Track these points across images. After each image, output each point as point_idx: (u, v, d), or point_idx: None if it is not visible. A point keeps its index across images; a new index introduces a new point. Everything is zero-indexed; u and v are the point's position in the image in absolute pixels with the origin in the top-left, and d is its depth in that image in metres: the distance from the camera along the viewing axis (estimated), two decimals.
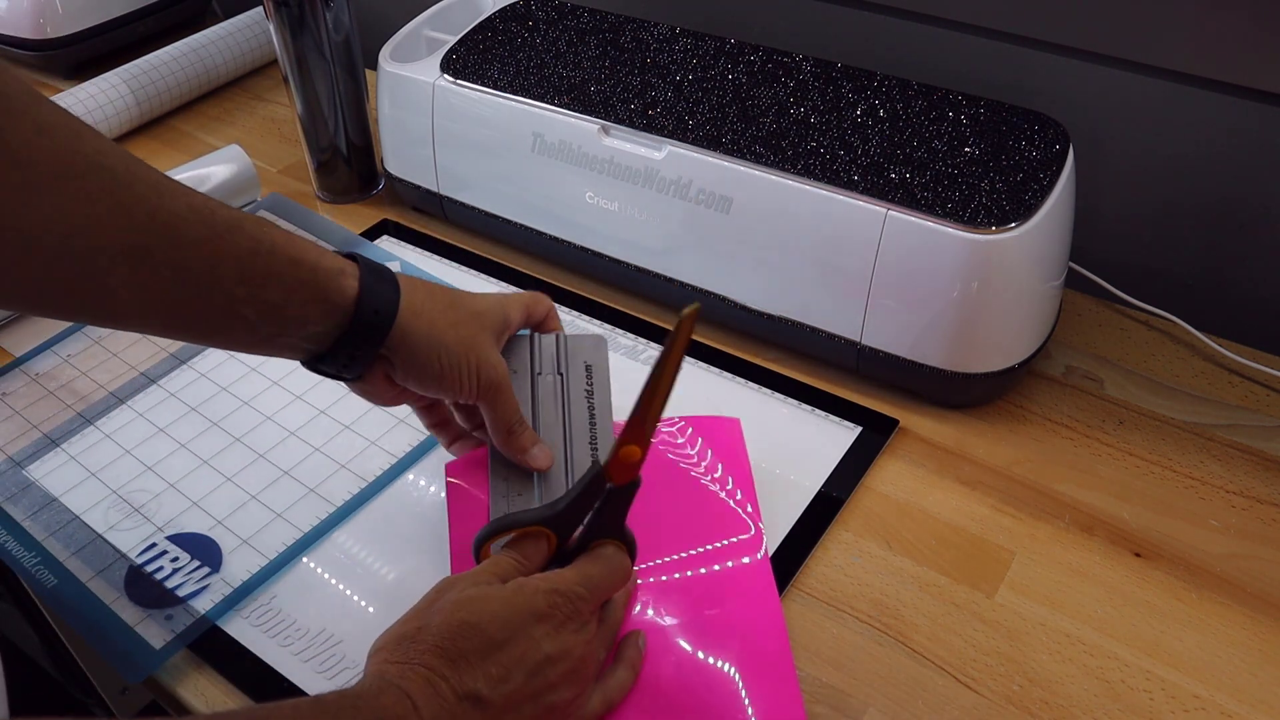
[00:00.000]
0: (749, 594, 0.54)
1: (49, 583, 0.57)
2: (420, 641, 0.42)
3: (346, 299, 0.48)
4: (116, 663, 0.53)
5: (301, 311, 0.47)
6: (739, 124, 0.67)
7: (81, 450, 0.65)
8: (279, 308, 0.47)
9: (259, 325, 0.47)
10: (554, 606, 0.44)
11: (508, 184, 0.76)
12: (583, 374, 0.59)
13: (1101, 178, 0.75)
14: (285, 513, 0.60)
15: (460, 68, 0.76)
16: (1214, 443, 0.64)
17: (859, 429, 0.65)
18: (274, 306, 0.47)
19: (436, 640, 0.42)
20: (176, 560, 0.58)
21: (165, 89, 0.99)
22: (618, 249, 0.73)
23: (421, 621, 0.43)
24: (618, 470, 0.47)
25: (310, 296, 0.47)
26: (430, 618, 0.43)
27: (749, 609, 0.53)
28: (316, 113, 0.82)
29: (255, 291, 0.46)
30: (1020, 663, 0.52)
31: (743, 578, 0.55)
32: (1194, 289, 0.76)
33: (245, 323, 0.47)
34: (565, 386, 0.59)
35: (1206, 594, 0.55)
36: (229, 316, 0.46)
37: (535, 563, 0.48)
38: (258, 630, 0.54)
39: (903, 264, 0.61)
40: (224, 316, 0.46)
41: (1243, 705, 0.50)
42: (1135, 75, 0.70)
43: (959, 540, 0.58)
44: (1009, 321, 0.63)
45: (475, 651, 0.42)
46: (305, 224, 0.82)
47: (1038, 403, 0.67)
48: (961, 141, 0.64)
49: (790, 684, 0.50)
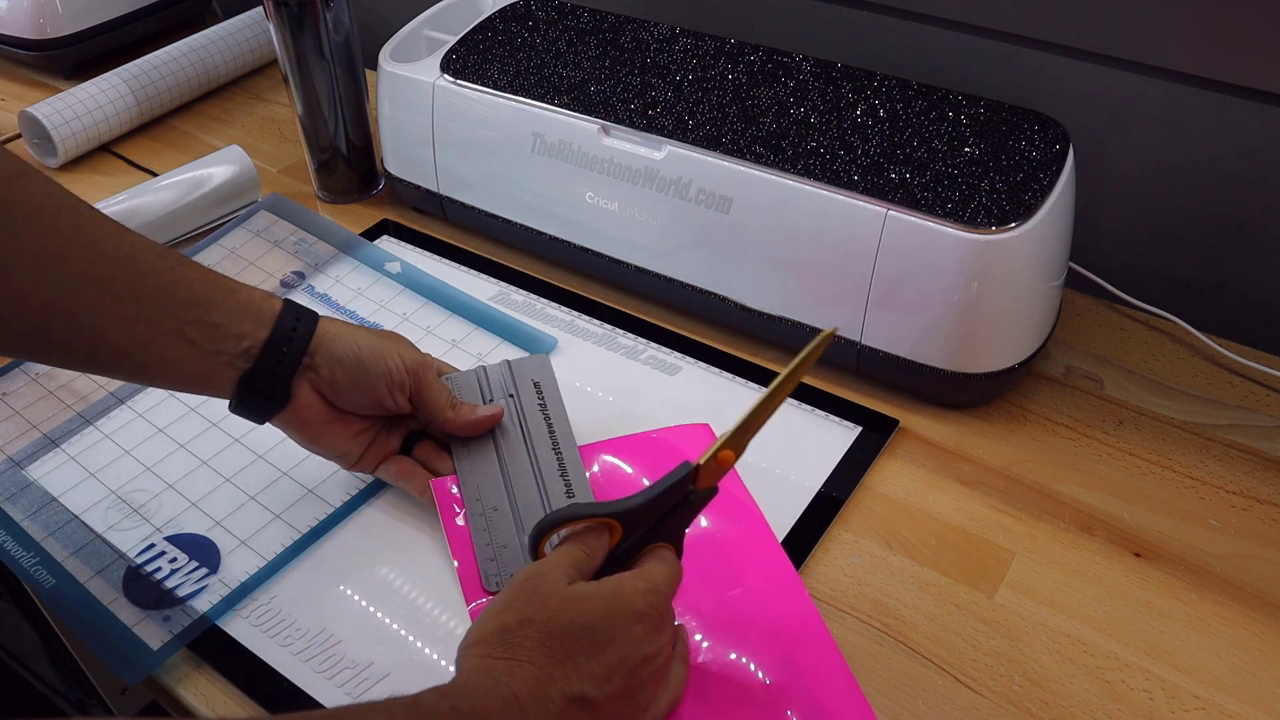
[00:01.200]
0: (776, 591, 0.54)
1: (47, 583, 0.57)
2: (527, 637, 0.42)
3: (274, 311, 0.54)
4: (114, 663, 0.53)
5: (239, 328, 0.53)
6: (739, 124, 0.67)
7: (81, 450, 0.65)
8: (219, 327, 0.52)
9: (201, 343, 0.51)
10: (651, 607, 0.45)
11: (508, 184, 0.76)
12: (533, 391, 0.63)
13: (1102, 178, 0.75)
14: (284, 513, 0.60)
15: (460, 68, 0.76)
16: (1214, 443, 0.64)
17: (859, 429, 0.65)
18: (215, 326, 0.52)
19: (544, 638, 0.42)
20: (175, 561, 0.58)
21: (165, 89, 0.99)
22: (618, 249, 0.73)
23: (522, 614, 0.43)
24: (707, 473, 0.48)
25: (245, 315, 0.53)
26: (532, 611, 0.43)
27: (779, 606, 0.54)
28: (316, 113, 0.82)
29: (201, 315, 0.51)
30: (1020, 663, 0.52)
31: (764, 570, 0.55)
32: (1194, 289, 0.76)
33: (189, 345, 0.51)
34: (520, 406, 0.62)
35: (1206, 594, 0.55)
36: (175, 340, 0.51)
37: (599, 557, 0.47)
38: (258, 630, 0.54)
39: (903, 264, 0.61)
40: (171, 340, 0.51)
41: (1243, 705, 0.50)
42: (1135, 75, 0.70)
43: (959, 540, 0.58)
44: (1009, 321, 0.63)
45: (583, 651, 0.42)
46: (305, 224, 0.82)
47: (1038, 403, 0.67)
48: (961, 141, 0.64)
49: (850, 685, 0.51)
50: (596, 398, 0.68)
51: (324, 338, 0.55)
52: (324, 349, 0.55)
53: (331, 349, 0.55)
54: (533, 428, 0.61)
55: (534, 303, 0.76)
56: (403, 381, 0.56)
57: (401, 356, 0.56)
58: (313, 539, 0.59)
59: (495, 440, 0.60)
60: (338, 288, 0.77)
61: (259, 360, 0.53)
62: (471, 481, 0.58)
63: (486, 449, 0.60)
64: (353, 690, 0.51)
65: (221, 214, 0.85)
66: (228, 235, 0.81)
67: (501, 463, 0.59)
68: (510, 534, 0.56)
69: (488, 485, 0.58)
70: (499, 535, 0.56)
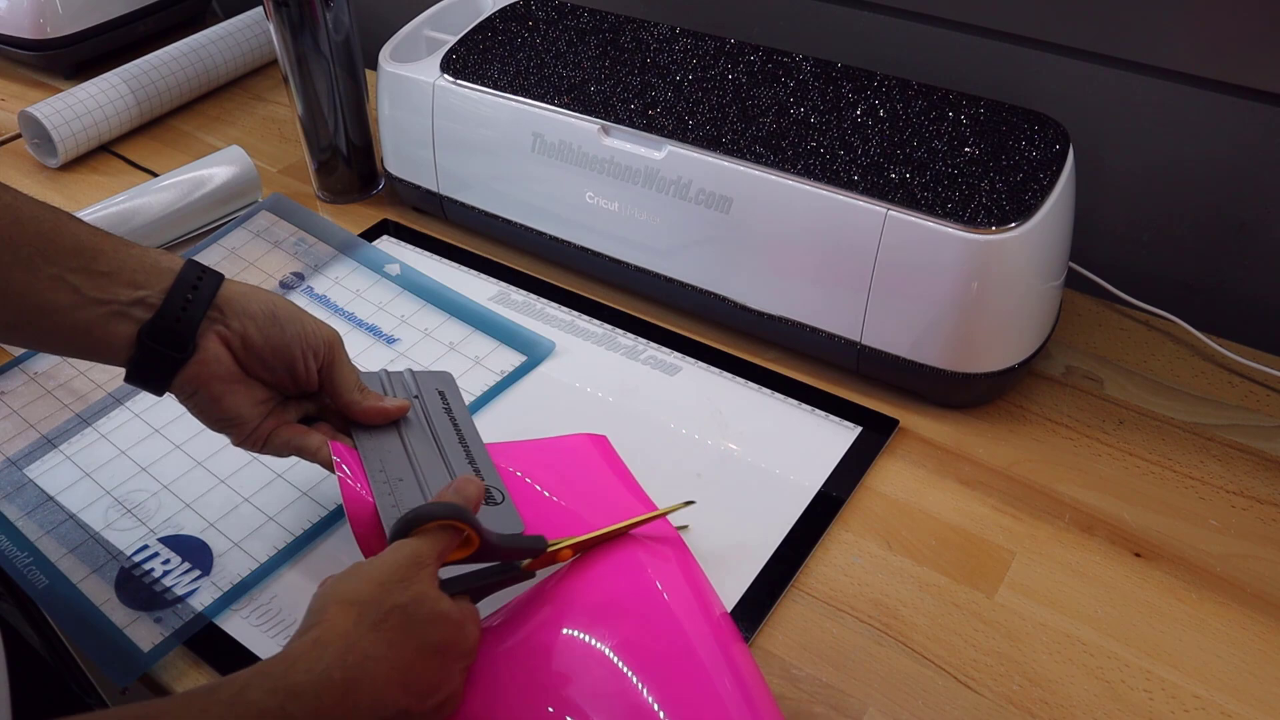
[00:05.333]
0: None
1: (40, 583, 0.57)
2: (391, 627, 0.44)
3: (176, 265, 0.52)
4: (106, 664, 0.53)
5: (131, 278, 0.50)
6: (739, 124, 0.67)
7: (78, 450, 0.65)
8: (107, 275, 0.49)
9: (85, 289, 0.48)
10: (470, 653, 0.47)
11: (508, 184, 0.76)
12: (438, 398, 0.60)
13: (1101, 178, 0.75)
14: (277, 516, 0.60)
15: (460, 68, 0.76)
16: (1214, 443, 0.64)
17: (859, 429, 0.65)
18: (102, 274, 0.49)
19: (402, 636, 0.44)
20: (168, 562, 0.58)
21: (165, 89, 0.99)
22: (618, 249, 0.73)
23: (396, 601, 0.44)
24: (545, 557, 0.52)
25: (140, 267, 0.50)
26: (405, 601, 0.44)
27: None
28: (316, 113, 0.82)
29: (87, 263, 0.49)
30: (1020, 663, 0.52)
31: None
32: (1194, 289, 0.76)
33: (71, 291, 0.48)
34: (425, 407, 0.59)
35: (1206, 594, 0.55)
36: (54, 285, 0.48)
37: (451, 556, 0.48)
38: (257, 630, 0.54)
39: (903, 264, 0.61)
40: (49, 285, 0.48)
41: (1243, 705, 0.50)
42: (1135, 75, 0.70)
43: (959, 540, 0.58)
44: (1009, 321, 0.63)
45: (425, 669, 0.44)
46: (306, 224, 0.82)
47: (1038, 403, 0.67)
48: (961, 141, 0.64)
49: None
50: (596, 398, 0.67)
51: (234, 293, 0.52)
52: (235, 303, 0.52)
53: (244, 304, 0.52)
54: (437, 424, 0.58)
55: (534, 303, 0.76)
56: (317, 349, 0.54)
57: (317, 326, 0.54)
58: (305, 542, 0.59)
59: (400, 430, 0.57)
60: (336, 289, 0.77)
61: (161, 309, 0.50)
62: (375, 457, 0.55)
63: (391, 435, 0.57)
64: None
65: (222, 214, 0.85)
66: (228, 235, 0.81)
67: (406, 446, 0.56)
68: (417, 500, 0.53)
69: (392, 459, 0.55)
70: (406, 501, 0.53)
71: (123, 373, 0.51)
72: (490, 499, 0.55)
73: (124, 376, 0.51)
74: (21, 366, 0.71)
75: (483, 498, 0.50)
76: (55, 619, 0.56)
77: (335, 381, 0.55)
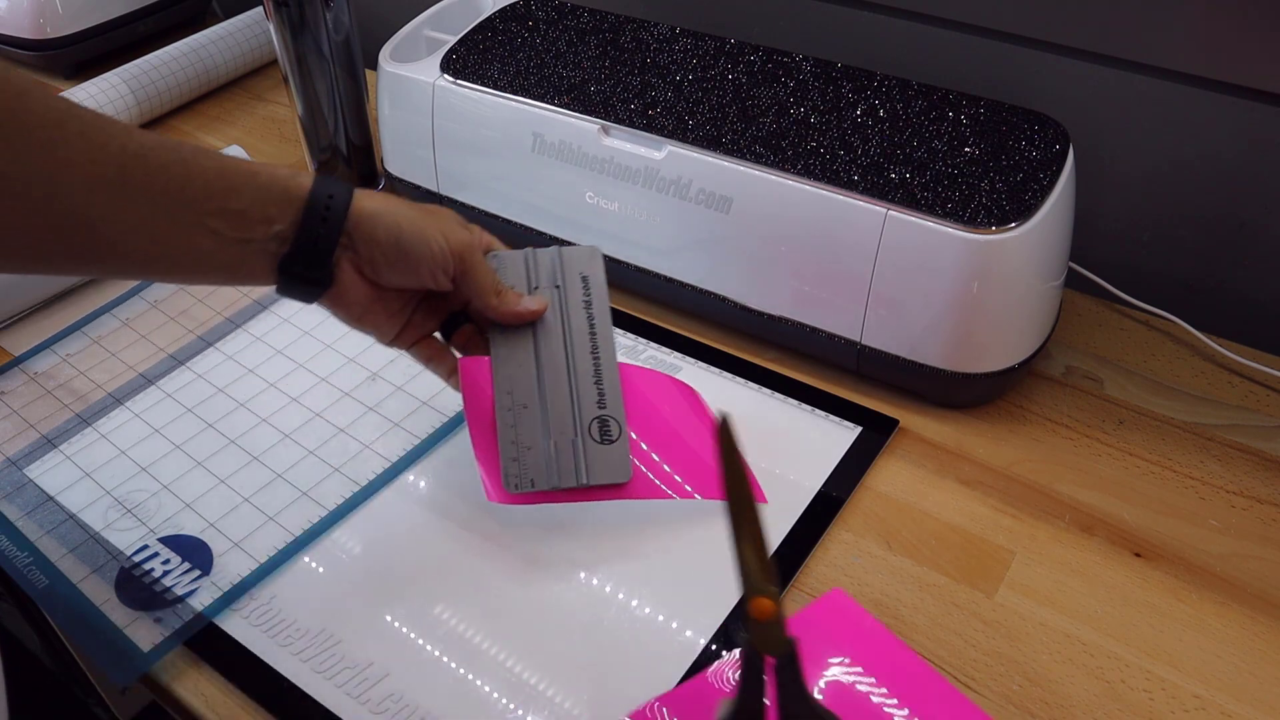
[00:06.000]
0: None
1: (40, 583, 0.57)
2: None
3: (303, 190, 0.52)
4: (106, 664, 0.53)
5: (264, 212, 0.50)
6: (739, 124, 0.67)
7: (78, 450, 0.65)
8: (243, 213, 0.50)
9: (227, 233, 0.49)
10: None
11: (508, 184, 0.76)
12: (579, 285, 0.60)
13: (1101, 178, 0.75)
14: (277, 516, 0.60)
15: (460, 68, 0.76)
16: (1214, 443, 0.64)
17: (859, 429, 0.65)
18: (239, 213, 0.50)
19: None
20: (168, 563, 0.58)
21: (165, 89, 0.99)
22: (618, 249, 0.73)
23: None
24: (761, 637, 0.40)
25: (269, 198, 0.51)
26: None
27: None
28: (316, 113, 0.82)
29: (222, 204, 0.49)
30: (1020, 663, 0.52)
31: None
32: (1194, 289, 0.76)
33: (215, 236, 0.49)
34: (564, 299, 0.59)
35: (1206, 594, 0.55)
36: (200, 233, 0.49)
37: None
38: (257, 630, 0.54)
39: (903, 264, 0.61)
40: (196, 233, 0.49)
41: (1243, 705, 0.50)
42: (1135, 75, 0.70)
43: (959, 540, 0.58)
44: (1009, 321, 0.63)
45: None
46: None
47: (1038, 403, 0.67)
48: (961, 141, 0.64)
49: None
50: None
51: (361, 215, 0.52)
52: (362, 227, 0.52)
53: (370, 229, 0.53)
54: (574, 326, 0.59)
55: None
56: (446, 264, 0.54)
57: (446, 237, 0.54)
58: (306, 542, 0.59)
59: (535, 334, 0.58)
60: None
61: (294, 244, 0.51)
62: (504, 373, 0.57)
63: (525, 341, 0.58)
64: (353, 690, 0.51)
65: None
66: None
67: (538, 359, 0.58)
68: (536, 436, 0.56)
69: (520, 379, 0.57)
70: (525, 435, 0.55)
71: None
72: (605, 433, 0.56)
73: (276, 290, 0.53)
74: (21, 366, 0.71)
75: None
76: (55, 619, 0.56)
77: (470, 289, 0.56)
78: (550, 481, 0.55)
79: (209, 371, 0.70)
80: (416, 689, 0.51)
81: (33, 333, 0.75)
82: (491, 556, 0.57)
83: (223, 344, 0.73)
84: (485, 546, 0.58)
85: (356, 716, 0.50)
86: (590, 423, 0.57)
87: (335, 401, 0.67)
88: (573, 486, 0.55)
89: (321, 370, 0.70)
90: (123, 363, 0.71)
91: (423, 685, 0.51)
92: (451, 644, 0.53)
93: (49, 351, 0.73)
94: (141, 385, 0.69)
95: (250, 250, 0.51)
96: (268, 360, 0.71)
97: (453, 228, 0.55)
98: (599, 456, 0.56)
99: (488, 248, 0.59)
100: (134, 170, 0.47)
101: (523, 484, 0.55)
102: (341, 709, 0.50)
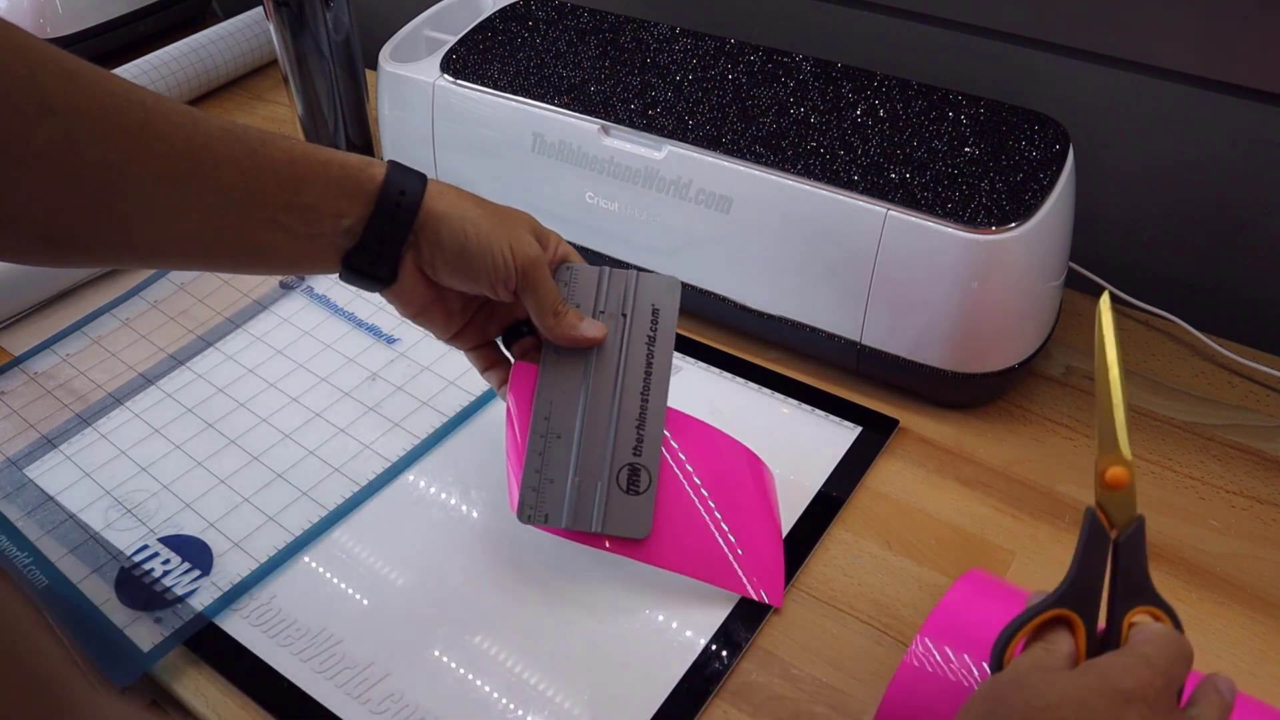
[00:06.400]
0: None
1: (40, 583, 0.57)
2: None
3: (375, 184, 0.50)
4: (105, 664, 0.53)
5: (335, 206, 0.49)
6: (739, 124, 0.67)
7: (78, 450, 0.65)
8: (313, 208, 0.48)
9: (297, 228, 0.48)
10: (1144, 685, 0.36)
11: (508, 184, 0.76)
12: (648, 317, 0.57)
13: (1101, 178, 0.75)
14: (277, 516, 0.60)
15: (460, 68, 0.76)
16: (1214, 443, 0.64)
17: (859, 429, 0.65)
18: (309, 208, 0.48)
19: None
20: (168, 563, 0.58)
21: (165, 89, 0.99)
22: (618, 249, 0.73)
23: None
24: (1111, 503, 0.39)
25: (341, 191, 0.49)
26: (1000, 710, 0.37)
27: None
28: (316, 113, 0.82)
29: (292, 198, 0.47)
30: None
31: None
32: (1194, 289, 0.76)
33: (284, 231, 0.48)
34: (628, 329, 0.56)
35: (1206, 594, 0.55)
36: (269, 227, 0.47)
37: (1062, 650, 0.39)
38: (257, 630, 0.54)
39: (903, 264, 0.61)
40: (264, 228, 0.47)
41: None
42: (1135, 75, 0.70)
43: (959, 540, 0.58)
44: (1009, 321, 0.63)
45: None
46: None
47: (1038, 403, 0.67)
48: (961, 141, 0.64)
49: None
50: None
51: (431, 214, 0.51)
52: (429, 229, 0.51)
53: (436, 231, 0.51)
54: (630, 360, 0.56)
55: None
56: (508, 278, 0.52)
57: (513, 249, 0.52)
58: (306, 542, 0.59)
59: (589, 361, 0.55)
60: (337, 289, 0.77)
61: (361, 240, 0.50)
62: (546, 396, 0.55)
63: (576, 367, 0.55)
64: (353, 690, 0.51)
65: None
66: None
67: (585, 388, 0.55)
68: (563, 470, 0.53)
69: (561, 406, 0.54)
70: (551, 466, 0.53)
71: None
72: (634, 483, 0.54)
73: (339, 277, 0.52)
74: (21, 366, 0.71)
75: None
76: (55, 619, 0.56)
77: (530, 303, 0.54)
78: (564, 521, 0.53)
79: (209, 371, 0.70)
80: (416, 689, 0.51)
81: (33, 333, 0.75)
82: (492, 556, 0.57)
83: (223, 344, 0.73)
84: (485, 546, 0.58)
85: (356, 716, 0.50)
86: (621, 469, 0.54)
87: (335, 401, 0.67)
88: (586, 531, 0.53)
89: (321, 370, 0.70)
90: (123, 363, 0.71)
91: (423, 685, 0.51)
92: (452, 644, 0.53)
93: (49, 351, 0.73)
94: (141, 385, 0.69)
95: (318, 245, 0.49)
96: (268, 360, 0.71)
97: (523, 239, 0.53)
98: (620, 506, 0.53)
99: (563, 259, 0.57)
100: (200, 163, 0.45)
101: (536, 517, 0.53)
102: (341, 709, 0.50)
